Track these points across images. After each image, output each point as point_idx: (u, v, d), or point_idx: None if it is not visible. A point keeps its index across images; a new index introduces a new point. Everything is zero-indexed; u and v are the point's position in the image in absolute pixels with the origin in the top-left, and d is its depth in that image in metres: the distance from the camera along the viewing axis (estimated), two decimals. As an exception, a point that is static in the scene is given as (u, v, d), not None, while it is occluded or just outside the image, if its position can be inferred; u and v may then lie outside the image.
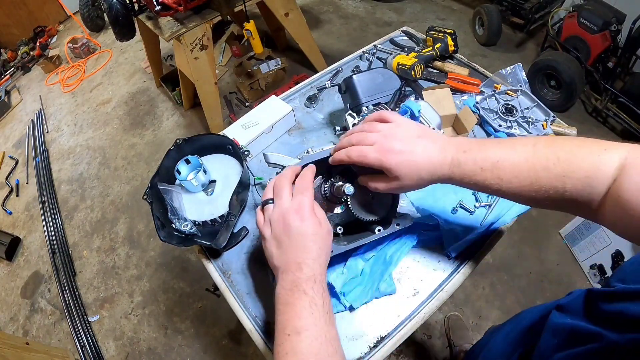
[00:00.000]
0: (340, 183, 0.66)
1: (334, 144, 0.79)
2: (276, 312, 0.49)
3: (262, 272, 0.77)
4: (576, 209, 0.45)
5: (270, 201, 0.56)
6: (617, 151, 0.42)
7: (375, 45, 1.24)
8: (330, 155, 0.61)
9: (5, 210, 2.53)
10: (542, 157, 0.44)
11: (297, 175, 0.58)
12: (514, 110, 0.97)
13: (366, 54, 1.22)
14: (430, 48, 1.12)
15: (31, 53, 3.95)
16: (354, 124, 0.82)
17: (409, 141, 0.51)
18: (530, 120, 0.94)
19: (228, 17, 3.17)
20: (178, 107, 2.92)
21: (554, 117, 0.95)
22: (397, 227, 0.68)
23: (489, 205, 0.83)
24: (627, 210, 0.38)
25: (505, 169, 0.46)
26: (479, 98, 1.00)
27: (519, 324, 0.60)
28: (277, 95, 1.07)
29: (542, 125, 0.94)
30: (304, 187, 0.55)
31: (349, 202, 0.63)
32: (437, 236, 0.79)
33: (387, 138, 0.52)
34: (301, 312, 0.46)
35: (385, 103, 0.89)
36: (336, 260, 0.75)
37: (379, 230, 0.68)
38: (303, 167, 0.60)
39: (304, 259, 0.50)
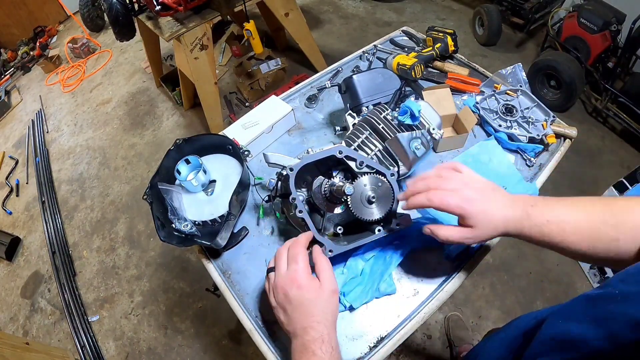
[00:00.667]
0: (340, 183, 0.66)
1: (334, 144, 0.79)
2: None
3: (262, 272, 0.77)
4: (634, 260, 0.47)
5: (273, 270, 0.59)
6: None
7: (375, 45, 1.24)
8: (395, 199, 0.63)
9: (5, 210, 2.53)
10: (600, 211, 0.50)
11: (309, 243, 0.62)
12: (514, 110, 0.97)
13: (366, 54, 1.21)
14: (430, 48, 1.12)
15: (31, 53, 3.95)
16: (353, 124, 0.82)
17: (486, 192, 0.54)
18: (530, 120, 0.94)
19: (228, 17, 3.17)
20: (178, 107, 2.92)
21: (554, 117, 0.95)
22: (397, 227, 0.68)
23: (489, 205, 0.83)
24: None
25: (570, 223, 0.50)
26: (479, 98, 1.00)
27: (515, 328, 0.60)
28: (277, 95, 1.07)
29: (542, 125, 0.94)
30: (296, 253, 0.57)
31: (349, 202, 0.63)
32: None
33: (467, 186, 0.54)
34: None
35: (385, 103, 0.89)
36: (336, 260, 0.74)
37: (379, 230, 0.68)
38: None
39: (309, 323, 0.53)
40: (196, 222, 0.81)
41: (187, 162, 0.86)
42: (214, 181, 0.89)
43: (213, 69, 2.17)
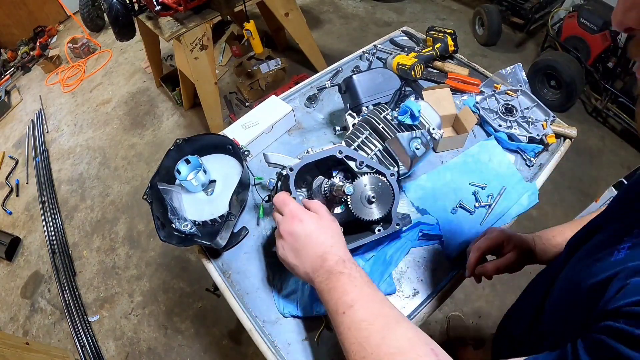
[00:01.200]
0: (340, 183, 0.66)
1: (334, 144, 0.79)
2: (325, 306, 0.50)
3: (262, 272, 0.78)
4: None
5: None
6: None
7: (375, 45, 1.24)
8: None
9: (5, 210, 2.53)
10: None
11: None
12: (514, 110, 0.97)
13: (366, 54, 1.22)
14: (430, 48, 1.12)
15: (31, 53, 3.95)
16: (353, 124, 0.82)
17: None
18: (530, 120, 0.94)
19: (228, 17, 3.17)
20: (178, 107, 2.92)
21: (553, 117, 0.95)
22: (397, 227, 0.68)
23: (489, 206, 0.83)
24: None
25: (566, 228, 0.71)
26: (479, 98, 1.00)
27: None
28: (277, 95, 1.07)
29: (542, 125, 0.94)
30: (282, 199, 0.58)
31: (349, 202, 0.63)
32: (437, 236, 0.79)
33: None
34: (345, 289, 0.48)
35: (385, 103, 0.89)
36: (336, 260, 0.74)
37: (379, 230, 0.68)
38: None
39: (324, 251, 0.52)
40: (196, 222, 0.81)
41: (187, 162, 0.86)
42: (214, 181, 0.90)
43: (213, 69, 2.17)
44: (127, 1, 2.09)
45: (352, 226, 0.72)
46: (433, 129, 0.73)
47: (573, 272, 0.43)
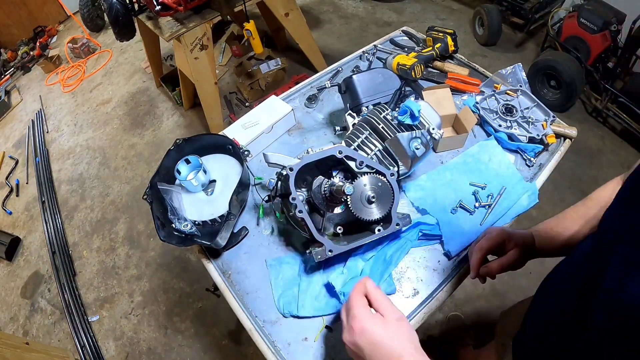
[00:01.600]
0: (340, 183, 0.66)
1: (334, 144, 0.79)
2: None
3: (262, 272, 0.78)
4: None
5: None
6: None
7: (375, 45, 1.24)
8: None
9: (5, 210, 2.53)
10: (579, 203, 0.69)
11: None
12: (514, 110, 0.97)
13: (366, 54, 1.22)
14: (430, 48, 1.12)
15: (31, 53, 3.95)
16: (353, 124, 0.82)
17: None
18: (530, 120, 0.94)
19: (228, 17, 3.17)
20: (178, 107, 2.92)
21: (553, 117, 0.95)
22: (397, 227, 0.68)
23: (489, 206, 0.83)
24: None
25: (562, 216, 0.71)
26: (479, 98, 1.00)
27: (572, 258, 0.58)
28: (277, 95, 1.07)
29: (542, 125, 0.94)
30: (349, 302, 0.55)
31: (349, 202, 0.63)
32: (437, 236, 0.79)
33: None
34: None
35: (385, 103, 0.89)
36: (336, 260, 0.75)
37: (379, 230, 0.68)
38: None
39: (395, 358, 0.49)
40: (196, 222, 0.81)
41: (187, 162, 0.86)
42: (214, 181, 0.90)
43: (213, 69, 2.17)
44: (127, 1, 2.09)
45: (352, 226, 0.72)
46: (433, 129, 0.73)
47: (623, 292, 0.37)
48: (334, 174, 0.71)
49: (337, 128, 0.97)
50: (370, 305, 0.54)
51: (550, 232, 0.70)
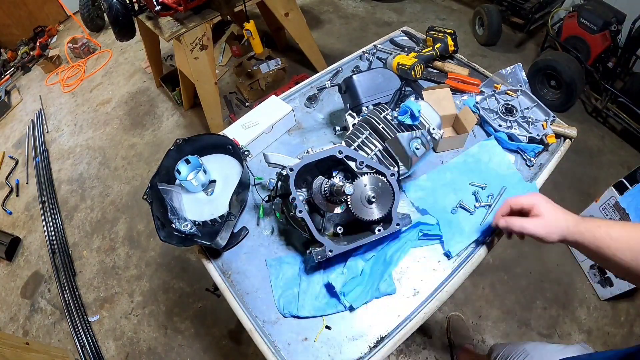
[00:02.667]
0: (340, 183, 0.66)
1: (334, 144, 0.79)
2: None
3: (262, 272, 0.77)
4: None
5: None
6: None
7: (375, 45, 1.24)
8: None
9: (5, 210, 2.53)
10: None
11: None
12: (514, 110, 0.97)
13: (366, 54, 1.21)
14: (430, 48, 1.12)
15: (31, 53, 3.95)
16: (353, 124, 0.82)
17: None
18: (530, 120, 0.94)
19: (228, 17, 3.17)
20: (178, 107, 2.92)
21: (553, 117, 0.95)
22: (397, 227, 0.68)
23: (489, 206, 0.83)
24: None
25: (615, 228, 0.57)
26: (479, 98, 1.00)
27: None
28: (277, 95, 1.07)
29: (542, 125, 0.94)
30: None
31: (349, 202, 0.63)
32: (437, 236, 0.79)
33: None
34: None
35: (385, 103, 0.89)
36: (336, 260, 0.75)
37: (379, 230, 0.68)
38: None
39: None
40: (196, 222, 0.81)
41: (187, 162, 0.86)
42: (214, 181, 0.89)
43: (213, 69, 2.17)
44: (127, 1, 2.08)
45: (352, 226, 0.72)
46: (433, 129, 0.73)
47: None
48: (334, 174, 0.71)
49: (337, 128, 0.97)
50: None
51: (595, 231, 0.59)
